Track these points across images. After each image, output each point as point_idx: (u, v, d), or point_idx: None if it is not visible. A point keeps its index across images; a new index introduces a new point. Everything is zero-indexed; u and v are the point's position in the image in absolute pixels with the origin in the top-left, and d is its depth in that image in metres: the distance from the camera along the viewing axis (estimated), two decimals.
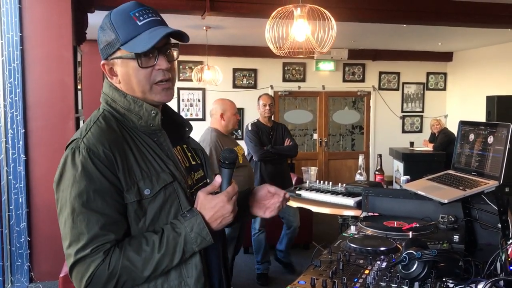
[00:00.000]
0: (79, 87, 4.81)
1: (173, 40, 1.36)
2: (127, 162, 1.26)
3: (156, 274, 1.25)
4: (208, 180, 1.50)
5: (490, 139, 1.97)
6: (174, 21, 6.09)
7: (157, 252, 1.22)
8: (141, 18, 1.29)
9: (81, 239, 1.20)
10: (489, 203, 1.88)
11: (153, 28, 1.29)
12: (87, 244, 1.20)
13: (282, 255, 4.85)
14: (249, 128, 4.69)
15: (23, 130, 4.13)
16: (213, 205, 1.29)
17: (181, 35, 1.33)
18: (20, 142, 4.09)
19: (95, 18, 5.33)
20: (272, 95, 8.52)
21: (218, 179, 1.33)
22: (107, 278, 1.20)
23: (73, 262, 1.21)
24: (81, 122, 4.84)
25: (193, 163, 1.49)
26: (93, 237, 1.20)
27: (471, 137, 2.13)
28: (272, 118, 4.88)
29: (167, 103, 1.44)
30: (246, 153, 4.47)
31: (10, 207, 3.90)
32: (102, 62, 1.34)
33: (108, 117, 1.33)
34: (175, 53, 1.37)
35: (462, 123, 2.23)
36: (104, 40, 1.32)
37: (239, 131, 8.88)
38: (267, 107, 4.69)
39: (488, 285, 1.31)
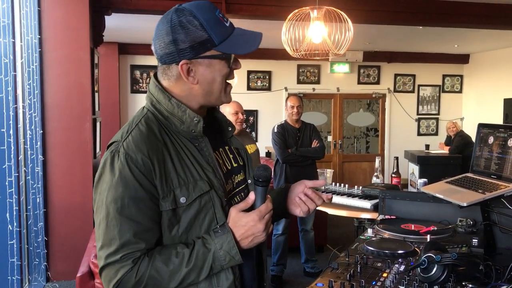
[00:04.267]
0: (95, 88, 4.86)
1: None
2: (165, 169, 1.25)
3: (182, 287, 1.25)
4: (250, 181, 1.48)
5: (510, 142, 1.95)
6: None
7: (185, 266, 1.22)
8: (225, 19, 1.29)
9: (112, 244, 1.21)
10: (509, 206, 1.86)
11: (238, 30, 1.31)
12: (117, 250, 1.21)
13: (309, 266, 4.77)
14: (275, 130, 4.62)
15: (41, 131, 4.18)
16: (244, 223, 1.27)
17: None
18: (38, 143, 4.14)
19: (112, 21, 5.38)
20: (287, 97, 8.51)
21: (251, 196, 1.31)
22: (133, 285, 1.21)
23: (103, 265, 1.23)
24: (97, 123, 4.88)
25: (235, 165, 1.46)
26: (124, 244, 1.21)
27: (490, 139, 2.11)
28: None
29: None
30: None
31: (28, 207, 3.95)
32: (183, 62, 1.27)
33: (151, 119, 1.31)
34: None
35: (481, 126, 2.20)
36: (190, 40, 1.25)
37: (253, 133, 8.90)
38: (295, 109, 4.61)
39: None
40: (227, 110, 3.98)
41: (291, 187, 1.54)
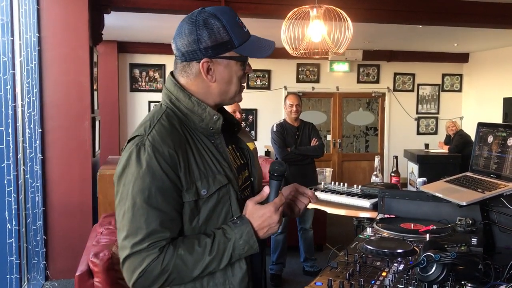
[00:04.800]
0: (94, 87, 4.86)
1: None
2: (188, 162, 1.32)
3: (203, 275, 1.31)
4: (252, 179, 1.55)
5: (510, 141, 1.95)
6: None
7: (208, 255, 1.28)
8: (243, 25, 1.39)
9: (139, 233, 1.25)
10: (508, 206, 1.86)
11: (254, 37, 1.40)
12: (144, 238, 1.25)
13: (308, 264, 4.77)
14: (274, 129, 4.61)
15: (40, 130, 4.18)
16: (261, 215, 1.34)
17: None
18: (37, 142, 4.14)
19: (111, 19, 5.37)
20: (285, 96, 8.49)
21: (266, 189, 1.38)
22: (159, 273, 1.26)
23: (128, 254, 1.26)
24: (96, 122, 4.88)
25: (242, 162, 1.53)
26: (150, 233, 1.25)
27: (490, 139, 2.11)
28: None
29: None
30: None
31: (27, 206, 3.95)
32: (205, 60, 1.34)
33: (171, 116, 1.37)
34: None
35: (481, 125, 2.20)
36: (213, 40, 1.33)
37: (252, 132, 8.91)
38: (294, 108, 4.59)
39: None
40: None
41: (282, 189, 1.58)
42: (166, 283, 1.28)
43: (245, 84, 1.45)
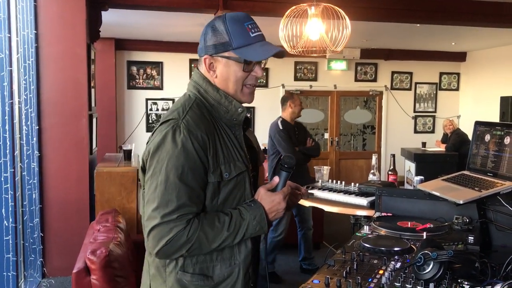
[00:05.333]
0: (92, 84, 4.84)
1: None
2: (215, 147, 1.47)
3: (218, 248, 1.45)
4: (254, 173, 1.66)
5: (507, 140, 1.95)
6: (187, 19, 6.11)
7: (226, 230, 1.43)
8: (253, 30, 1.52)
9: (169, 205, 1.39)
10: (505, 204, 1.86)
11: (263, 42, 1.52)
12: (174, 210, 1.39)
13: (306, 262, 4.77)
14: (280, 126, 4.50)
15: (37, 127, 4.16)
16: (272, 200, 1.50)
17: (281, 53, 1.55)
18: (34, 139, 4.12)
19: (109, 16, 5.36)
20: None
21: (276, 179, 1.55)
22: (183, 243, 1.39)
23: (157, 223, 1.39)
24: (93, 119, 4.87)
25: (249, 156, 1.65)
26: (180, 206, 1.40)
27: (487, 137, 2.11)
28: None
29: None
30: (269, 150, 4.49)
31: (24, 203, 3.94)
32: (206, 56, 1.53)
33: (201, 105, 1.53)
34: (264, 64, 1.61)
35: (478, 124, 2.21)
36: (214, 40, 1.51)
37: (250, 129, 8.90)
38: (301, 107, 4.60)
39: (505, 287, 1.30)
40: None
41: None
42: (187, 252, 1.42)
43: (251, 85, 1.56)
